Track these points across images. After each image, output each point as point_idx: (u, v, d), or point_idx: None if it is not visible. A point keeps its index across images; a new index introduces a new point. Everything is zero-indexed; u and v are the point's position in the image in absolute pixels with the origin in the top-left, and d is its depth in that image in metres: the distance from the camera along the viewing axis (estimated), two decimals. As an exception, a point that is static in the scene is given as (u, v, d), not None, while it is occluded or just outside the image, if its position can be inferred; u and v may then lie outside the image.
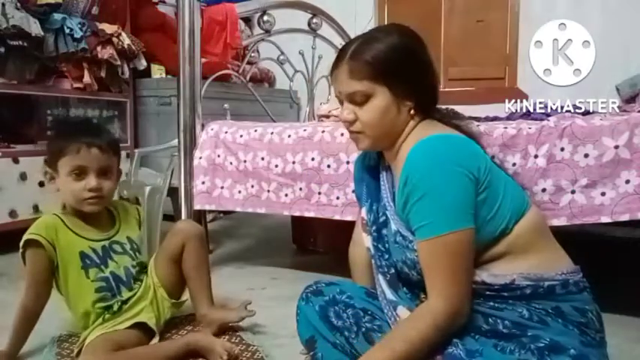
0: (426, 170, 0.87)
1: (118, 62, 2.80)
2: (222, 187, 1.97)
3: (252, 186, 1.92)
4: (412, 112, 0.96)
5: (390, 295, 0.99)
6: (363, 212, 1.08)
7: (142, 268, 1.38)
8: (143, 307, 1.31)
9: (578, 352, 0.83)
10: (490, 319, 0.88)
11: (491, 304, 0.89)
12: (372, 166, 1.09)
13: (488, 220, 0.89)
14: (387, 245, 1.00)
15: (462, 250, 0.86)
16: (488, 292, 0.89)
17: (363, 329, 0.98)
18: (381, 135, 0.97)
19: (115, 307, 1.28)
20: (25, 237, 1.21)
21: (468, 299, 0.87)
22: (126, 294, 1.31)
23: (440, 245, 0.85)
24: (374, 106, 0.94)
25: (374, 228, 1.03)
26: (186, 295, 1.42)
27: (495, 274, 0.89)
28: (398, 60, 0.93)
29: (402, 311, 0.96)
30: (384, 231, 1.00)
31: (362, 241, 1.10)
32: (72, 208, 1.29)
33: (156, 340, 1.30)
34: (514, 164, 1.51)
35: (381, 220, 1.01)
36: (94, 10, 2.73)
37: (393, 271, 0.99)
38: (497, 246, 0.90)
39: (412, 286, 0.97)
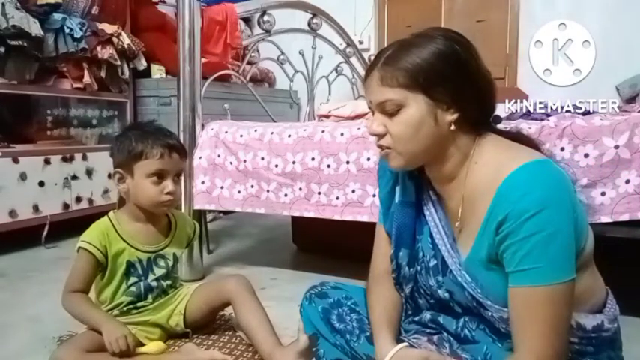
0: (541, 206, 0.72)
1: (118, 62, 2.80)
2: (221, 187, 1.97)
3: (252, 186, 1.92)
4: (453, 126, 0.83)
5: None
6: (390, 253, 0.97)
7: (174, 283, 1.39)
8: (148, 320, 1.31)
9: None
10: None
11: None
12: (407, 202, 0.95)
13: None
14: (437, 282, 0.90)
15: (566, 303, 0.74)
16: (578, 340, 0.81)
17: (368, 333, 0.96)
18: (416, 152, 0.84)
19: (131, 307, 1.30)
20: (79, 244, 1.25)
21: None
22: (149, 302, 1.32)
23: (544, 294, 0.72)
24: (406, 118, 0.82)
25: (411, 271, 0.94)
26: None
27: (586, 314, 0.81)
28: (439, 67, 0.81)
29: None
30: (430, 273, 0.91)
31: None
32: (133, 208, 1.30)
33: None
34: (514, 164, 1.51)
35: (431, 264, 0.91)
36: (94, 10, 2.73)
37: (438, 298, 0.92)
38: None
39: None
